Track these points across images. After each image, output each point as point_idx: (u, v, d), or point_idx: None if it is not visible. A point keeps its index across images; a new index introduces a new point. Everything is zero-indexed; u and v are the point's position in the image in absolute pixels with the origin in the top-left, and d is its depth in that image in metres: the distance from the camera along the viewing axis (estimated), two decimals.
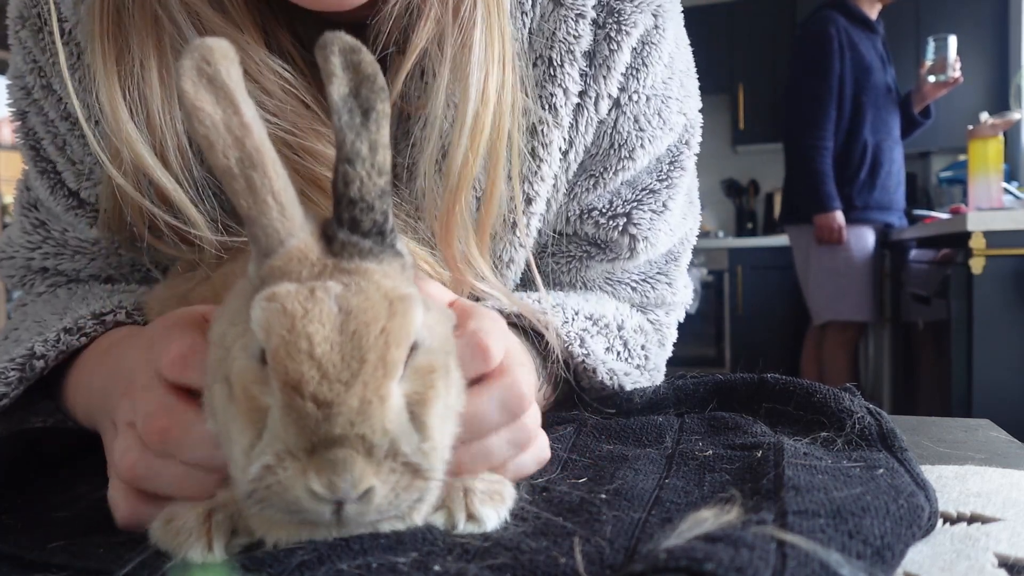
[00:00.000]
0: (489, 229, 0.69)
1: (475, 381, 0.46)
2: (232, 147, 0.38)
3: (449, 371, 0.41)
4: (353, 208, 0.39)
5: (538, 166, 0.73)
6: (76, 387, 0.64)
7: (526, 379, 0.48)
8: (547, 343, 0.68)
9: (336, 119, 0.39)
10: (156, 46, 0.61)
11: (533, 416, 0.50)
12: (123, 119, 0.60)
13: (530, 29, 0.71)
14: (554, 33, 0.71)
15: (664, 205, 0.78)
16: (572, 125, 0.73)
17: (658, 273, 0.84)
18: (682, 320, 0.91)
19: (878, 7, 3.68)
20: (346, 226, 0.39)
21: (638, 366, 0.80)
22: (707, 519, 0.37)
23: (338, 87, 0.39)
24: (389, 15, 0.63)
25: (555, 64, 0.71)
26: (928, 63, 3.58)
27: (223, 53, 0.38)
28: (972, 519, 0.45)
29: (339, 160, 0.39)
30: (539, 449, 0.51)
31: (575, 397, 0.74)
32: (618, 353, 0.78)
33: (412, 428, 0.38)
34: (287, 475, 0.35)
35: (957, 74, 3.53)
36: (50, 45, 0.69)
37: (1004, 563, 0.39)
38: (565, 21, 0.70)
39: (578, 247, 0.80)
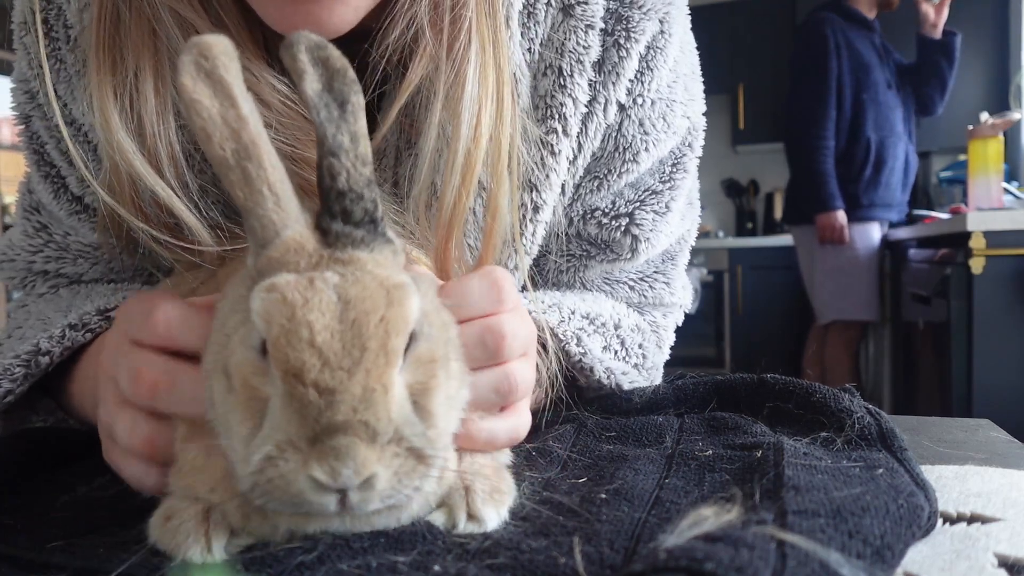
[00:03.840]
0: (492, 263, 0.68)
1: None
2: (228, 139, 0.38)
3: (449, 360, 0.41)
4: (343, 199, 0.39)
5: (546, 175, 0.73)
6: (80, 385, 0.64)
7: (511, 324, 0.47)
8: (544, 345, 0.68)
9: (315, 114, 0.39)
10: (152, 59, 0.61)
11: (521, 372, 0.48)
12: (115, 128, 0.60)
13: (541, 40, 0.71)
14: (564, 43, 0.70)
15: (666, 206, 0.79)
16: (581, 131, 0.73)
17: (655, 272, 0.84)
18: (680, 323, 0.91)
19: (876, 10, 3.69)
20: (339, 217, 0.39)
21: (635, 365, 0.80)
22: (707, 518, 0.37)
23: (310, 83, 0.39)
24: (382, 55, 0.63)
25: (565, 74, 0.71)
26: None
27: (221, 49, 0.39)
28: (972, 519, 0.45)
29: (323, 154, 0.39)
30: (518, 421, 0.50)
31: (574, 397, 0.74)
32: (615, 352, 0.78)
33: (416, 416, 0.38)
34: (288, 467, 0.35)
35: None
36: (55, 51, 0.69)
37: (1004, 563, 0.39)
38: (575, 32, 0.70)
39: (579, 246, 0.80)
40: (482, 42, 0.63)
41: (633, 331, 0.81)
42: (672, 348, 0.90)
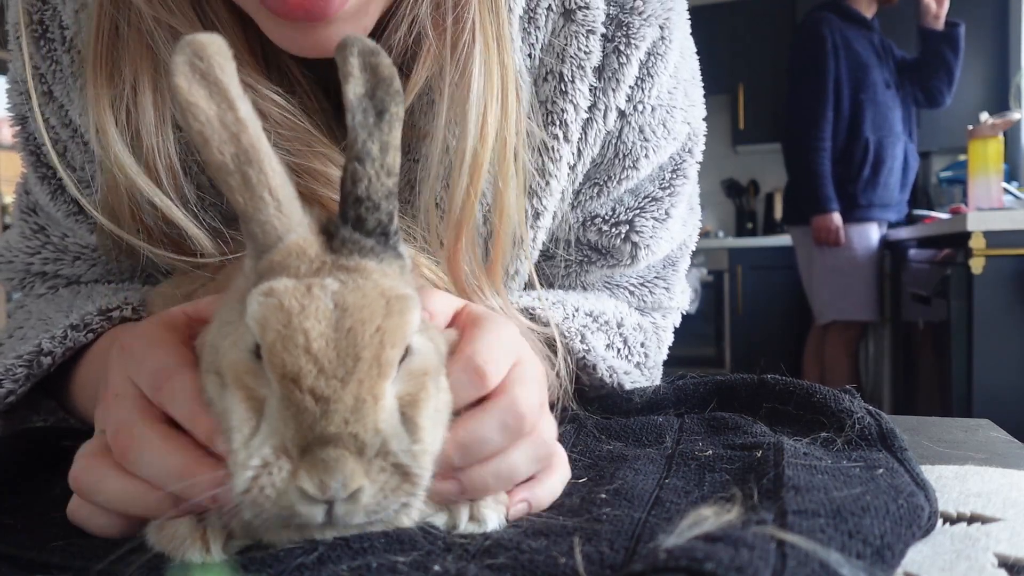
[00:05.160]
0: (501, 267, 0.67)
1: (475, 404, 0.44)
2: (227, 143, 0.37)
3: (440, 373, 0.41)
4: (359, 206, 0.39)
5: (547, 182, 0.73)
6: (82, 385, 0.64)
7: (526, 398, 0.44)
8: (552, 345, 0.68)
9: (349, 118, 0.39)
10: (150, 72, 0.61)
11: (548, 430, 0.47)
12: (112, 140, 0.60)
13: (542, 45, 0.70)
14: (565, 49, 0.70)
15: (666, 213, 0.78)
16: (581, 137, 0.73)
17: (656, 278, 0.84)
18: (678, 324, 0.91)
19: (875, 7, 3.69)
20: (350, 224, 0.39)
21: (637, 364, 0.80)
22: (707, 518, 0.37)
23: (354, 87, 0.39)
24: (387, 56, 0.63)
25: (566, 80, 0.70)
26: None
27: (216, 49, 0.38)
28: (972, 519, 0.45)
29: (349, 158, 0.39)
30: (562, 466, 0.49)
31: (574, 396, 0.74)
32: (618, 350, 0.78)
33: (403, 429, 0.37)
34: (280, 477, 0.35)
35: None
36: (51, 52, 0.69)
37: (1004, 563, 0.39)
38: (576, 37, 0.70)
39: (579, 252, 0.80)
40: (486, 40, 0.62)
41: (635, 330, 0.81)
42: (672, 348, 0.90)
